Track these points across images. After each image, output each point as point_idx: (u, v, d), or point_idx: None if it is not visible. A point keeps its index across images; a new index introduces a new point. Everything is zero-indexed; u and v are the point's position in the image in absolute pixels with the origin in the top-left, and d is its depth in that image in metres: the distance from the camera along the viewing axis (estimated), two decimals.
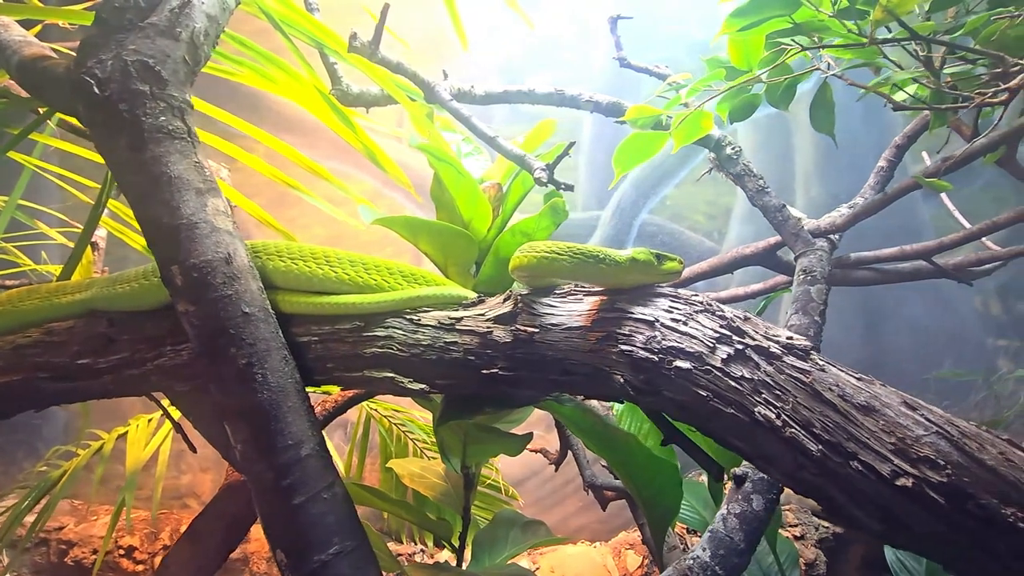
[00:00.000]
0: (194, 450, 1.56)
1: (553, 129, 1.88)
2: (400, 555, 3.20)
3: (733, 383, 0.89)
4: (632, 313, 1.01)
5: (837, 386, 0.87)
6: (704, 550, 1.22)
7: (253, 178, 2.15)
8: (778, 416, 0.85)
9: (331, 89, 1.80)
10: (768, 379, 0.88)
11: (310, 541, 1.22)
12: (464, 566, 2.14)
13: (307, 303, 1.37)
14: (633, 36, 2.40)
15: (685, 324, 0.96)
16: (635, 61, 2.30)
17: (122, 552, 3.04)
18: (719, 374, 0.89)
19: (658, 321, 0.97)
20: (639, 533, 2.43)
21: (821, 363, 0.90)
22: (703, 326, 0.95)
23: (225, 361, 1.22)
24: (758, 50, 1.43)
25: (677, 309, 0.99)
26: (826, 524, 2.88)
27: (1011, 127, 1.35)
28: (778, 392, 0.87)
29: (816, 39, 1.36)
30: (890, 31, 1.39)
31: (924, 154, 2.62)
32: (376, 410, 3.06)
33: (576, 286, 1.21)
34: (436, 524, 2.03)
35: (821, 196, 3.56)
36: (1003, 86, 1.16)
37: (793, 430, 0.84)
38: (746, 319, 0.97)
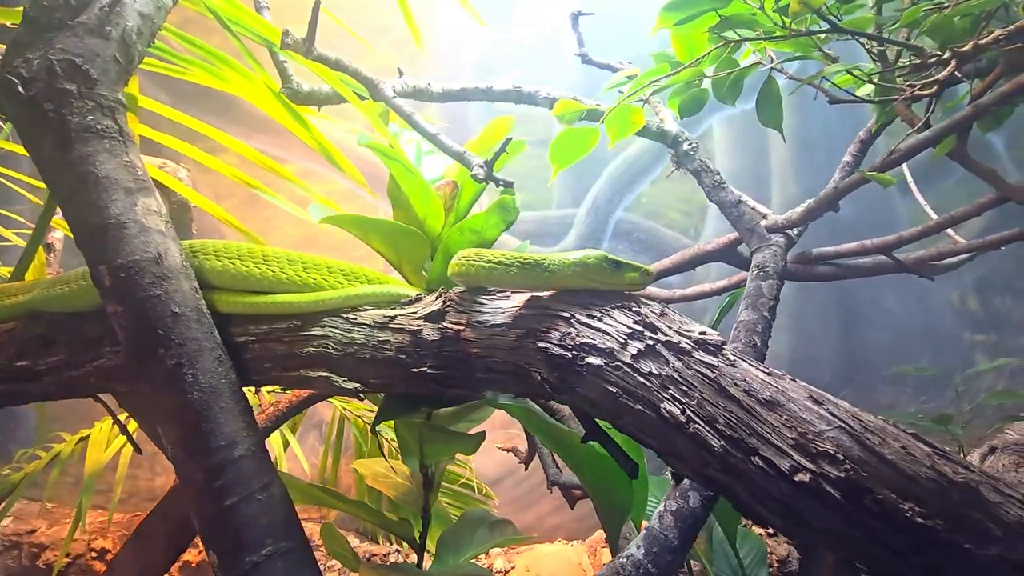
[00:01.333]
0: (139, 451, 1.55)
1: (511, 126, 1.87)
2: (375, 555, 3.20)
3: (642, 379, 0.88)
4: (551, 309, 1.00)
5: (744, 381, 0.86)
6: (639, 548, 1.22)
7: (225, 178, 2.15)
8: (683, 412, 0.84)
9: (281, 88, 1.80)
10: (676, 375, 0.87)
11: (242, 542, 1.21)
12: (427, 565, 2.13)
13: (244, 303, 1.36)
14: (632, 32, 2.35)
15: (600, 320, 0.95)
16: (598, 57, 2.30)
17: (95, 555, 3.03)
18: (628, 370, 0.89)
19: (574, 317, 0.97)
20: None
21: (732, 358, 0.90)
22: (617, 322, 0.94)
23: (154, 362, 1.21)
24: (701, 44, 1.42)
25: (595, 304, 0.98)
26: None
27: (952, 120, 1.35)
28: (685, 388, 0.86)
29: (759, 33, 1.35)
30: (837, 21, 1.38)
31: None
32: (350, 410, 3.05)
33: None
34: (395, 524, 2.03)
35: (797, 193, 3.56)
36: (934, 77, 1.15)
37: (697, 426, 0.83)
38: (662, 314, 0.96)
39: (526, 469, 2.69)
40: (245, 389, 1.32)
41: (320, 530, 1.99)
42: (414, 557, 3.12)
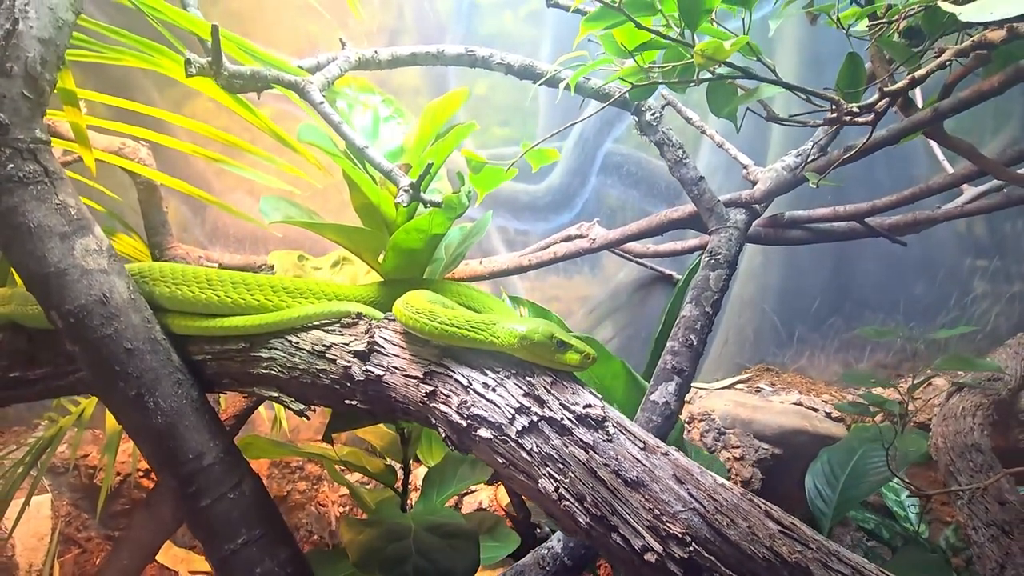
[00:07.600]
0: None
1: (465, 98, 1.78)
2: None
3: (524, 454, 0.96)
4: (453, 373, 1.06)
5: (616, 460, 0.93)
6: (558, 541, 1.38)
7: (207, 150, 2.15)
8: (556, 489, 0.93)
9: (217, 79, 1.72)
10: (554, 452, 0.94)
11: (219, 535, 1.42)
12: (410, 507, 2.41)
13: (195, 326, 1.44)
14: None
15: (494, 391, 1.01)
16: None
17: (141, 474, 3.50)
18: (514, 445, 0.96)
19: (471, 386, 1.02)
20: None
21: (612, 432, 0.96)
22: (509, 393, 1.00)
23: (116, 393, 1.33)
24: (644, 34, 1.29)
25: (493, 372, 1.03)
26: (765, 446, 3.07)
27: (910, 121, 1.23)
28: (561, 466, 0.94)
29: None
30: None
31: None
32: None
33: None
34: (379, 474, 2.27)
35: (803, 110, 3.30)
36: (876, 106, 1.04)
37: (568, 503, 0.92)
38: (553, 383, 1.01)
39: None
40: None
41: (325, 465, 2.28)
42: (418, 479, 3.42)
